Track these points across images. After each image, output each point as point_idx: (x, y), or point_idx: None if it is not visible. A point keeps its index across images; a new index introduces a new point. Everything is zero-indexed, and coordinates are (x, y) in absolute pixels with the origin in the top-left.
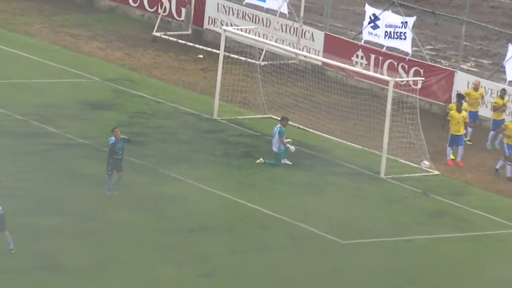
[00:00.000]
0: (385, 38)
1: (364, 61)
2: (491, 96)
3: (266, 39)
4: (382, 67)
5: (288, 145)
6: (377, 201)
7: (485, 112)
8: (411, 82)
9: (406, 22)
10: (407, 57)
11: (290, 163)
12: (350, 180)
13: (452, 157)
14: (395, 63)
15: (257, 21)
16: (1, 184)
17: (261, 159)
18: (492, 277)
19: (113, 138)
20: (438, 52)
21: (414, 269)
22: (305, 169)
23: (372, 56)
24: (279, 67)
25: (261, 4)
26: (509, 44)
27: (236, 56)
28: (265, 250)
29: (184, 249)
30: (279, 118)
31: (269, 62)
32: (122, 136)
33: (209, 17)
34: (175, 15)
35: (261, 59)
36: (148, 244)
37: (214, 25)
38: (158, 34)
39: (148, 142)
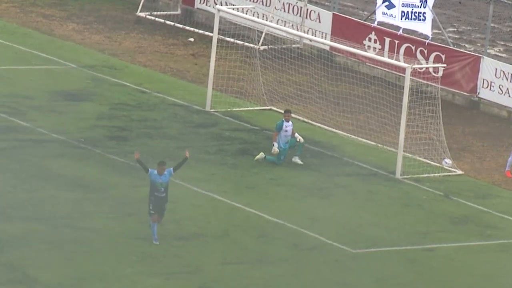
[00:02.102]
0: (401, 19)
1: (378, 46)
2: None
3: (266, 20)
4: (398, 52)
5: (274, 143)
6: (392, 205)
7: None
8: (431, 69)
9: (426, 1)
10: (427, 41)
11: (301, 163)
12: (362, 182)
13: None
14: (413, 48)
15: (255, 0)
16: None
17: (261, 153)
18: None
19: (154, 171)
20: (462, 35)
21: (434, 282)
22: (311, 169)
23: (387, 40)
24: (281, 52)
25: None
26: None
27: (232, 40)
28: (265, 262)
29: (172, 259)
30: (283, 111)
31: (270, 47)
32: (165, 172)
33: None
34: None
35: (260, 43)
36: (131, 254)
37: (206, 4)
38: (142, 14)
39: (131, 138)
